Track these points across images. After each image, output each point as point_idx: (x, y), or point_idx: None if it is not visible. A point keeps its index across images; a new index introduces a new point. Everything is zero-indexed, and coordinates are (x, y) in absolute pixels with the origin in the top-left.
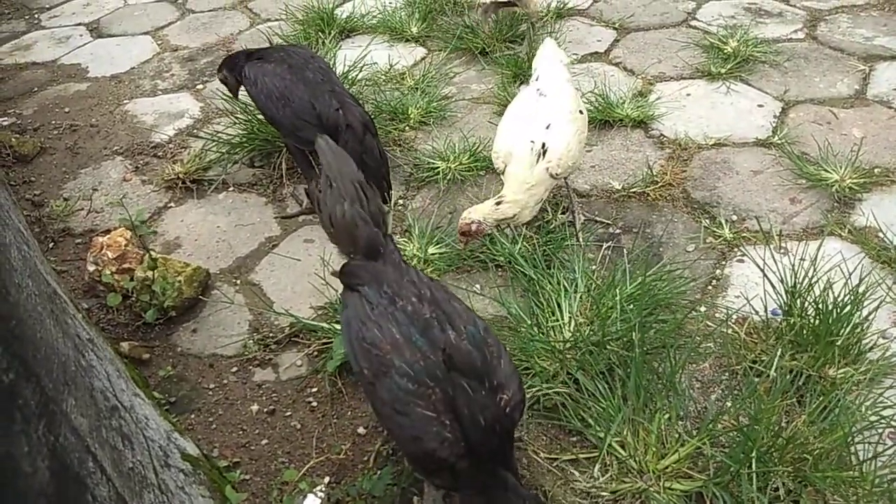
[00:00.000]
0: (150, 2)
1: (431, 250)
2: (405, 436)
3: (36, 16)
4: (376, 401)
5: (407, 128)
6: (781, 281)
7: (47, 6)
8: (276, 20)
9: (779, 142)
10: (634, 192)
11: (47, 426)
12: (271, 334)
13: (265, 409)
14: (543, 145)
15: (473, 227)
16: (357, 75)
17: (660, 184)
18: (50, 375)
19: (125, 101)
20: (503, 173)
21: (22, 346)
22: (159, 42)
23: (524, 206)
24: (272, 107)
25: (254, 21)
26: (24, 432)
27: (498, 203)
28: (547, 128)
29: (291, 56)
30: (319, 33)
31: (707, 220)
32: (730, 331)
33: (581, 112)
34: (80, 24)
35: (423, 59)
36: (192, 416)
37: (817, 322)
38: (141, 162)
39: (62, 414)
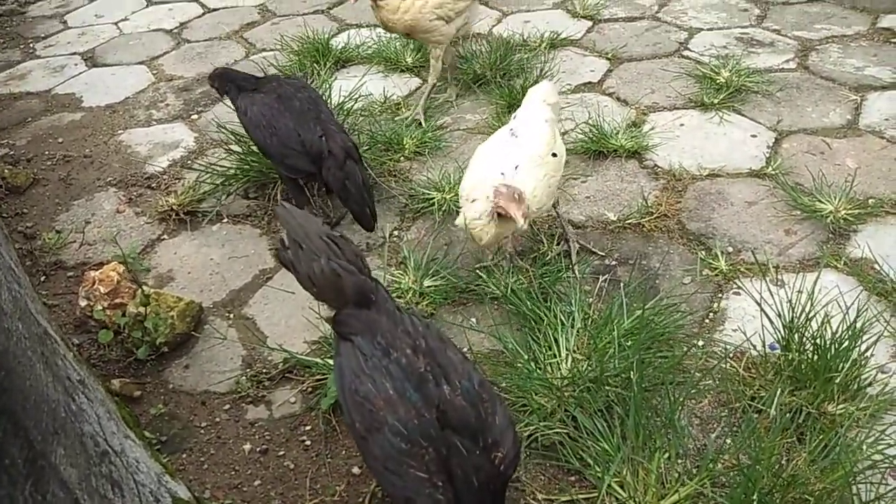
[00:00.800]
0: (145, 31)
1: (427, 283)
2: (397, 495)
3: (31, 45)
4: (368, 456)
5: (402, 158)
6: (779, 315)
7: (42, 35)
8: (272, 50)
9: (773, 172)
10: (630, 224)
11: (34, 485)
12: (264, 370)
13: (258, 449)
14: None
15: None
16: (353, 106)
17: (655, 215)
18: (39, 426)
19: (119, 132)
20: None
21: (10, 399)
22: (154, 72)
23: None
24: (260, 136)
25: (249, 51)
26: (9, 496)
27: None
28: (515, 169)
29: (283, 86)
30: (315, 64)
31: (703, 252)
32: (728, 366)
33: (554, 155)
34: (75, 54)
35: (418, 89)
36: (184, 455)
37: (816, 358)
38: (134, 193)
39: (51, 467)
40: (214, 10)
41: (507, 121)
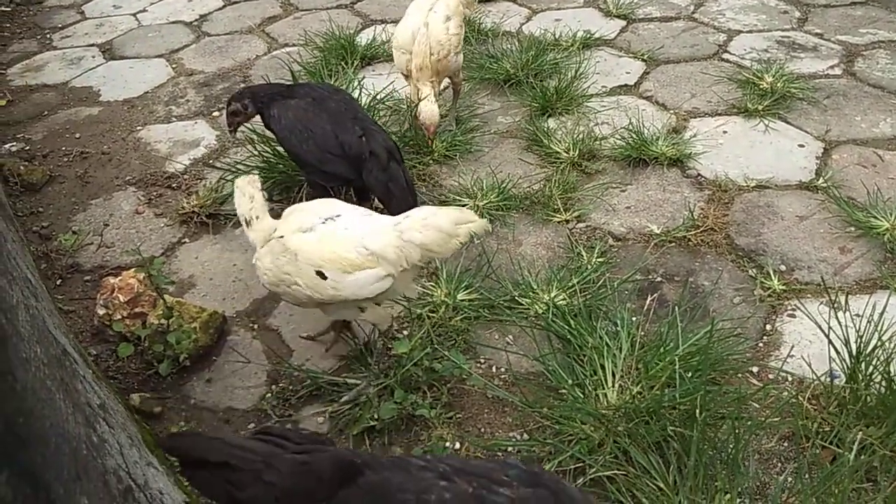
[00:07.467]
0: (164, 23)
1: (461, 296)
2: None
3: (48, 35)
4: None
5: (431, 161)
6: (846, 344)
7: (59, 25)
8: (295, 45)
9: (823, 185)
10: (675, 237)
11: None
12: (291, 387)
13: None
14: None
15: None
16: (381, 105)
17: (701, 228)
18: (60, 477)
19: (138, 128)
20: None
21: (30, 453)
22: (174, 66)
23: None
24: (295, 142)
25: (271, 46)
26: None
27: None
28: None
29: (315, 90)
30: (341, 62)
31: (753, 270)
32: (786, 394)
33: (322, 276)
34: (92, 45)
35: (447, 88)
36: None
37: (887, 393)
38: (154, 193)
39: None
40: (235, 2)
41: (540, 124)
